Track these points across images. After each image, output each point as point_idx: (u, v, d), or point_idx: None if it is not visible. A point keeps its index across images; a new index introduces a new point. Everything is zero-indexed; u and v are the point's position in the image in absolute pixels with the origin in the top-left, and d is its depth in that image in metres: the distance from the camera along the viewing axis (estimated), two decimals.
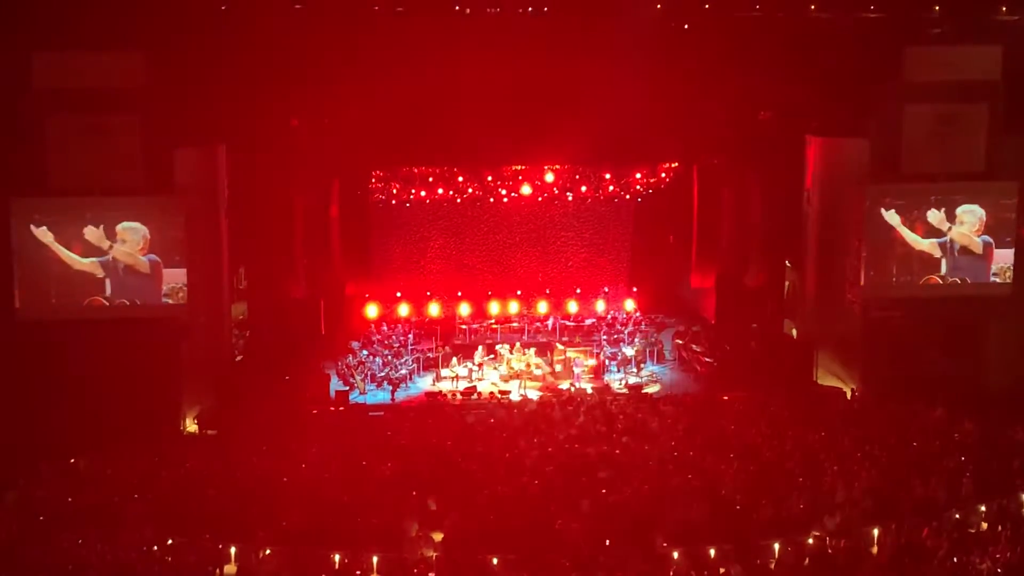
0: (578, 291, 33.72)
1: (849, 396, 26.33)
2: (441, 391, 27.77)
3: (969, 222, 26.06)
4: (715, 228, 31.71)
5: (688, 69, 25.35)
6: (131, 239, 24.70)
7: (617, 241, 34.62)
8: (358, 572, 16.63)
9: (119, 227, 24.65)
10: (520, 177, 31.81)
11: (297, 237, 29.74)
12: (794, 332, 29.52)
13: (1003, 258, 26.29)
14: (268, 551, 16.87)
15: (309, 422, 24.71)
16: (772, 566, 16.81)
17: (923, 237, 26.06)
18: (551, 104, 26.11)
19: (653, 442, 21.85)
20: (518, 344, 29.76)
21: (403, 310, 32.95)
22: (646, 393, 27.27)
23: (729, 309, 31.48)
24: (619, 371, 29.14)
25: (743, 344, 29.69)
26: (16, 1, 23.29)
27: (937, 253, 26.09)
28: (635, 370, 29.15)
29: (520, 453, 21.19)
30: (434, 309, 32.74)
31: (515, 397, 27.01)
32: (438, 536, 17.48)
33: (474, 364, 29.08)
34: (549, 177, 31.88)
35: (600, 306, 33.50)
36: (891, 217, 25.87)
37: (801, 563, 16.78)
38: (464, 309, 32.30)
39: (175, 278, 25.01)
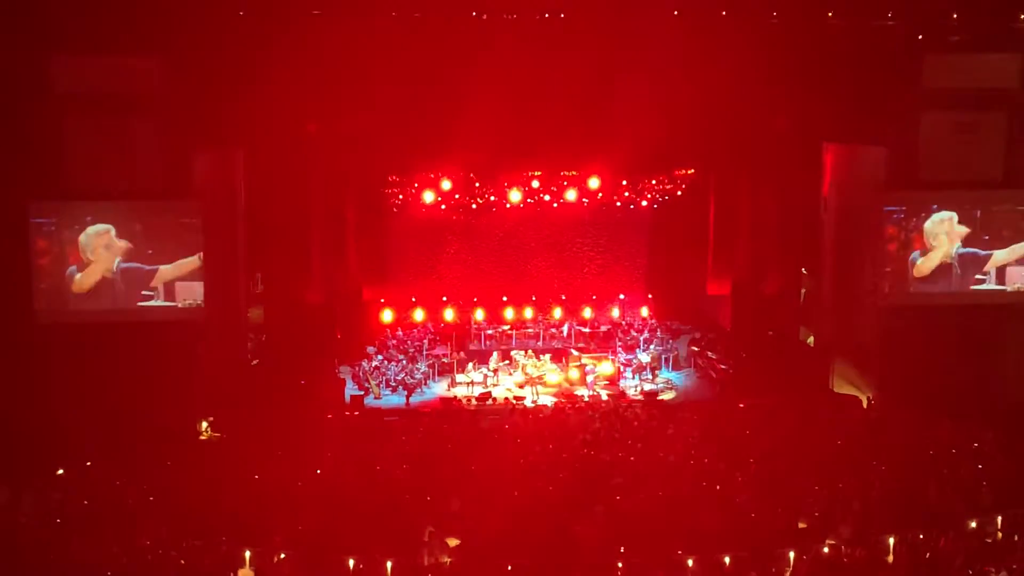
0: (594, 297, 33.73)
1: (865, 404, 26.23)
2: (456, 396, 27.78)
3: (945, 231, 26.07)
4: (731, 235, 31.70)
5: (705, 76, 25.30)
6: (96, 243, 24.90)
7: (633, 248, 34.63)
8: None
9: (89, 231, 24.80)
10: (536, 183, 31.85)
11: (313, 241, 29.85)
12: (810, 340, 29.45)
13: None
14: (283, 555, 16.86)
15: (324, 426, 24.73)
16: (787, 574, 16.74)
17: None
18: (568, 111, 26.10)
19: (668, 449, 21.80)
20: (530, 351, 29.80)
21: (418, 315, 33.03)
22: (661, 400, 27.24)
23: (745, 316, 31.42)
24: (634, 377, 29.10)
25: (759, 351, 29.64)
26: (34, 4, 23.39)
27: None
28: (650, 376, 29.11)
29: (534, 459, 21.17)
30: (449, 314, 32.79)
31: (529, 403, 26.99)
32: (453, 541, 17.46)
33: (489, 370, 29.09)
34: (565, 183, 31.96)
35: (616, 312, 33.50)
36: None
37: (816, 571, 16.71)
38: (479, 315, 32.36)
39: (192, 288, 25.23)
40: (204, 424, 25.11)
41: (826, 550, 17.09)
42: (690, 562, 16.65)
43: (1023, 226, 26.15)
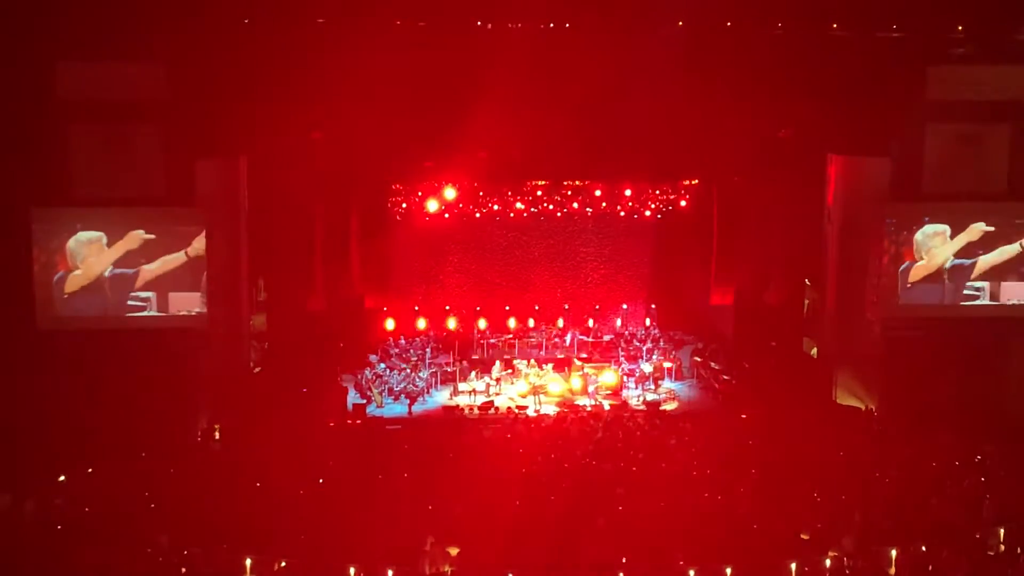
0: (597, 307, 33.71)
1: (868, 416, 26.17)
2: (458, 405, 27.76)
3: (937, 245, 26.05)
4: (735, 245, 31.65)
5: (709, 86, 25.30)
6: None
7: (636, 258, 34.58)
8: None
9: (80, 238, 24.77)
10: (540, 193, 31.88)
11: (316, 249, 29.84)
12: (813, 351, 29.40)
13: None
14: (283, 563, 16.84)
15: (326, 435, 24.71)
16: None
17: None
18: (572, 120, 26.09)
19: (670, 459, 21.77)
20: (533, 360, 29.78)
21: (421, 324, 33.01)
22: (664, 410, 27.19)
23: (748, 327, 31.37)
24: (637, 388, 29.06)
25: (762, 362, 29.59)
26: (40, 11, 23.44)
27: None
28: (653, 387, 29.05)
29: (536, 468, 21.14)
30: (452, 323, 32.80)
31: (532, 413, 26.96)
32: (454, 551, 17.43)
33: (492, 379, 29.06)
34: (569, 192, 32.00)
35: (619, 322, 33.48)
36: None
37: None
38: (482, 323, 32.36)
39: (186, 299, 25.21)
40: (205, 431, 25.07)
41: (828, 562, 17.07)
42: (692, 573, 16.63)
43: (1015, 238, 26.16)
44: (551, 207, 32.20)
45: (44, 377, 24.12)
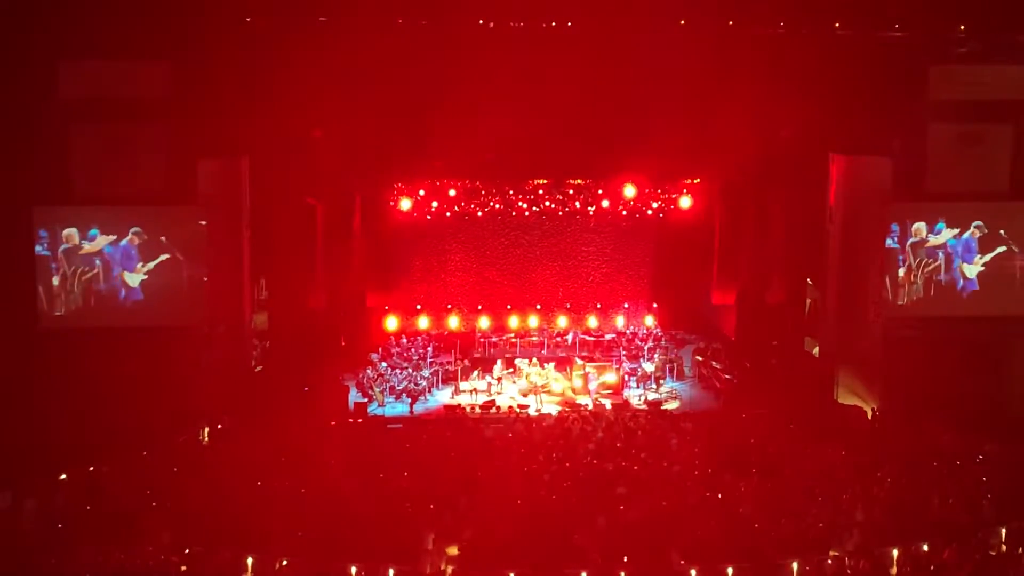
0: (598, 306, 33.70)
1: (870, 415, 26.17)
2: (460, 404, 27.75)
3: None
4: (737, 245, 31.63)
5: (711, 86, 25.28)
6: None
7: (638, 257, 34.56)
8: None
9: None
10: (542, 191, 31.88)
11: (318, 248, 29.82)
12: (815, 350, 29.38)
13: None
14: (285, 562, 16.85)
15: (327, 433, 24.71)
16: None
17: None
18: (573, 119, 26.09)
19: (671, 459, 21.76)
20: (535, 359, 29.77)
21: (423, 322, 33.02)
22: (665, 409, 27.17)
23: (750, 326, 31.35)
24: (638, 387, 29.04)
25: (763, 361, 29.56)
26: (43, 10, 23.45)
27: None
28: (654, 386, 29.04)
29: (538, 468, 21.13)
30: (454, 322, 32.80)
31: (533, 412, 26.95)
32: (454, 550, 17.43)
33: (493, 378, 29.05)
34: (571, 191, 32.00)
35: (620, 321, 33.47)
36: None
37: None
38: (484, 322, 32.36)
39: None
40: (207, 429, 25.07)
41: (829, 561, 17.06)
42: (693, 572, 16.62)
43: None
44: (553, 206, 32.20)
45: (44, 376, 24.12)
